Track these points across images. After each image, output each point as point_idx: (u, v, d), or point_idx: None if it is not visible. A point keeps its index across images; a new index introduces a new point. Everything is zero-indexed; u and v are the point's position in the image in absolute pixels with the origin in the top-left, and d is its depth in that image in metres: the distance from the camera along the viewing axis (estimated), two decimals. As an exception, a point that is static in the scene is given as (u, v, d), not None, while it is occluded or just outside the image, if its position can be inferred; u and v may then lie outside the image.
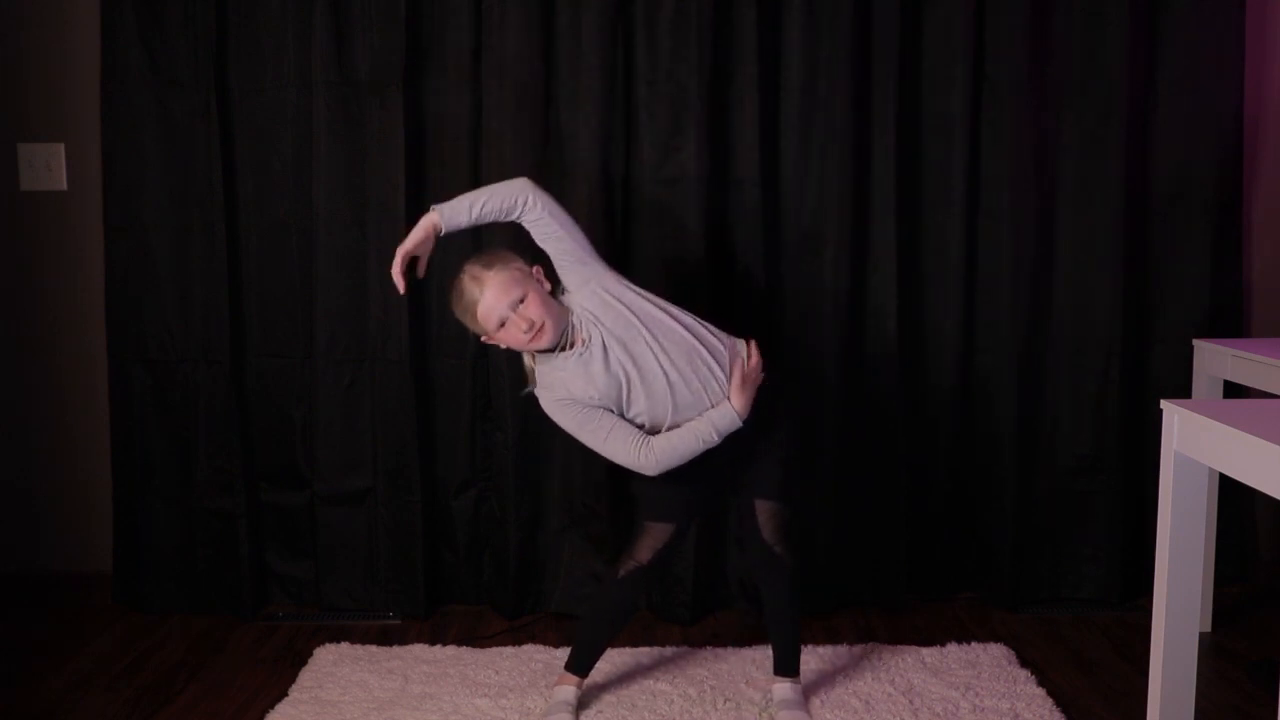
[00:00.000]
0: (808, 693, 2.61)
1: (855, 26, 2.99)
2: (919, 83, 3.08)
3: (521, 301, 2.30)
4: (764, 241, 3.05)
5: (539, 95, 3.03)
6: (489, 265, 2.34)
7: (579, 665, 2.57)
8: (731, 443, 2.39)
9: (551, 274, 2.42)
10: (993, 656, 2.83)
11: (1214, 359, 2.83)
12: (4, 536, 3.37)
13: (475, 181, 3.07)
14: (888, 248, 3.07)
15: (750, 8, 2.98)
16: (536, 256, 2.43)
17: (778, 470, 2.49)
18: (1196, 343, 2.92)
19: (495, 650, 2.91)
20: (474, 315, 2.34)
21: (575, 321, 2.36)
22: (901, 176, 3.06)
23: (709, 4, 2.96)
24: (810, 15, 3.01)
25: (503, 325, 2.32)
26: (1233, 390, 2.88)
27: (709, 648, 2.92)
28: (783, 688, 2.56)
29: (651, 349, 2.35)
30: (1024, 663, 2.81)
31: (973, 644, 2.91)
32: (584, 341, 2.35)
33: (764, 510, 2.48)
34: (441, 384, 3.15)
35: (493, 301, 2.31)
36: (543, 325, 2.30)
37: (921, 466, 3.18)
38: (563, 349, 2.36)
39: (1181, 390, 3.02)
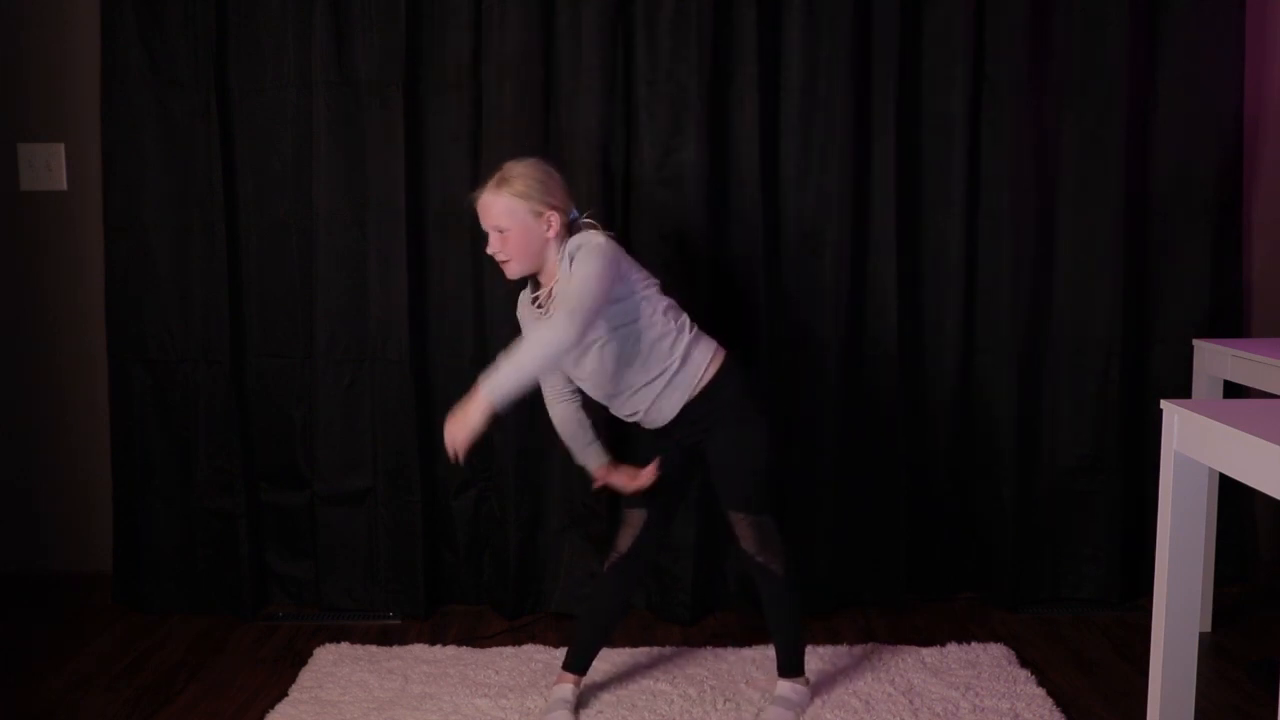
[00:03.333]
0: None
1: (855, 26, 2.99)
2: (919, 83, 3.09)
3: (503, 231, 2.33)
4: (764, 241, 3.05)
5: (539, 95, 3.03)
6: (520, 176, 2.34)
7: (574, 663, 2.57)
8: (678, 428, 2.43)
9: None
10: (993, 656, 2.83)
11: (1214, 359, 2.83)
12: (4, 536, 3.37)
13: (475, 182, 3.06)
14: (888, 248, 3.07)
15: (750, 8, 2.98)
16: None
17: (744, 481, 2.46)
18: (1196, 343, 2.92)
19: (495, 650, 2.91)
20: (475, 201, 2.38)
21: (560, 271, 2.34)
22: (901, 176, 3.06)
23: (709, 4, 2.96)
24: (810, 15, 3.01)
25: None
26: (1233, 390, 2.88)
27: (709, 648, 2.92)
28: (782, 686, 2.57)
29: (598, 349, 2.35)
30: (1024, 663, 2.81)
31: (973, 644, 2.91)
32: (539, 302, 2.38)
33: (739, 522, 2.48)
34: (441, 384, 3.15)
35: (482, 210, 2.36)
36: (508, 261, 2.35)
37: (921, 466, 3.18)
38: (537, 287, 2.39)
39: (1181, 390, 3.02)
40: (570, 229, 2.37)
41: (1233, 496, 3.09)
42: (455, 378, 3.13)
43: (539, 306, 2.39)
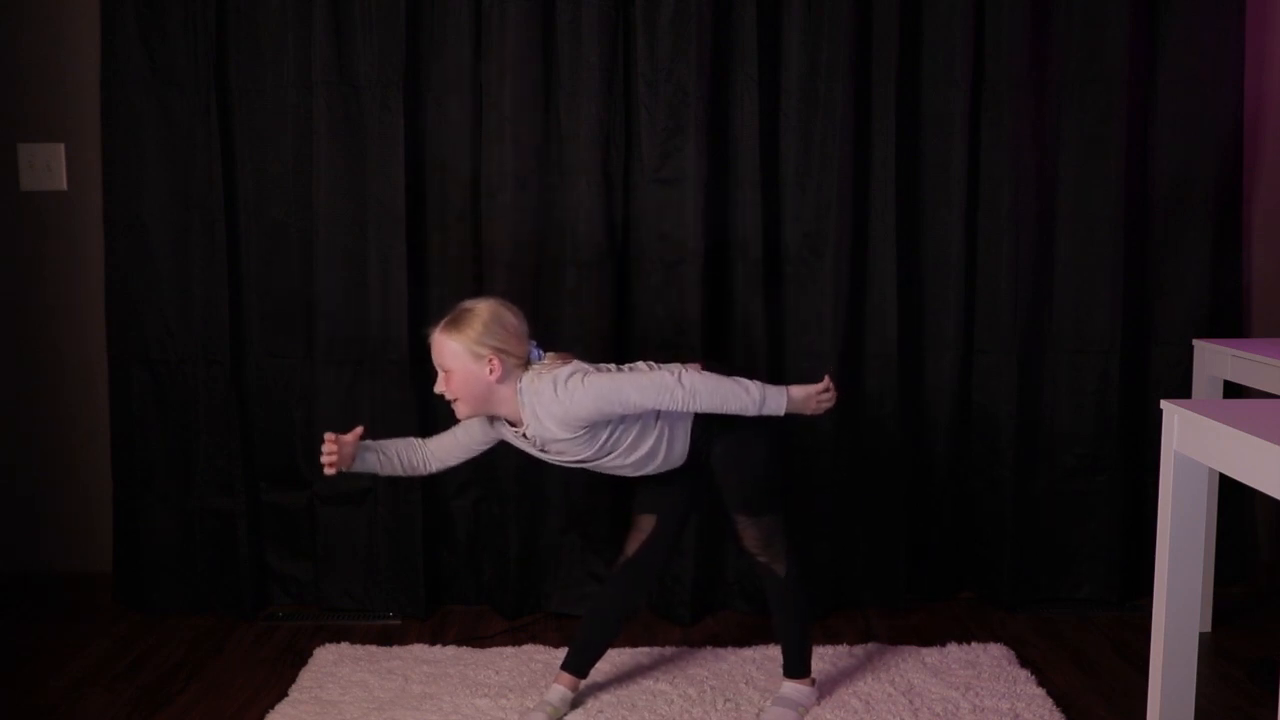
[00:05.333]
0: (809, 693, 2.61)
1: (855, 26, 2.99)
2: (919, 83, 3.08)
3: (448, 371, 2.33)
4: (764, 242, 3.05)
5: (539, 95, 3.03)
6: (467, 318, 2.32)
7: (572, 664, 2.57)
8: (694, 442, 2.43)
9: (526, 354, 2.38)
10: (993, 656, 2.83)
11: (1214, 359, 2.83)
12: (4, 536, 3.37)
13: (475, 182, 3.08)
14: (888, 247, 3.07)
15: (750, 8, 2.98)
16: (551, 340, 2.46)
17: (747, 485, 2.48)
18: (1196, 343, 2.92)
19: (495, 650, 2.91)
20: (429, 338, 2.38)
21: (524, 411, 2.33)
22: (901, 176, 3.06)
23: (709, 4, 2.96)
24: (810, 15, 3.01)
25: None
26: (1233, 390, 2.88)
27: (709, 648, 2.92)
28: (785, 686, 2.57)
29: (613, 443, 2.37)
30: (1024, 663, 2.81)
31: (973, 644, 2.91)
32: (524, 434, 2.37)
33: (741, 524, 2.50)
34: (441, 384, 3.14)
35: (432, 348, 2.35)
36: (456, 400, 2.35)
37: (921, 466, 3.18)
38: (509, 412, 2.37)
39: (1181, 390, 3.02)
40: (529, 364, 2.35)
41: (1233, 496, 3.09)
42: (455, 378, 3.14)
43: (525, 437, 2.40)
